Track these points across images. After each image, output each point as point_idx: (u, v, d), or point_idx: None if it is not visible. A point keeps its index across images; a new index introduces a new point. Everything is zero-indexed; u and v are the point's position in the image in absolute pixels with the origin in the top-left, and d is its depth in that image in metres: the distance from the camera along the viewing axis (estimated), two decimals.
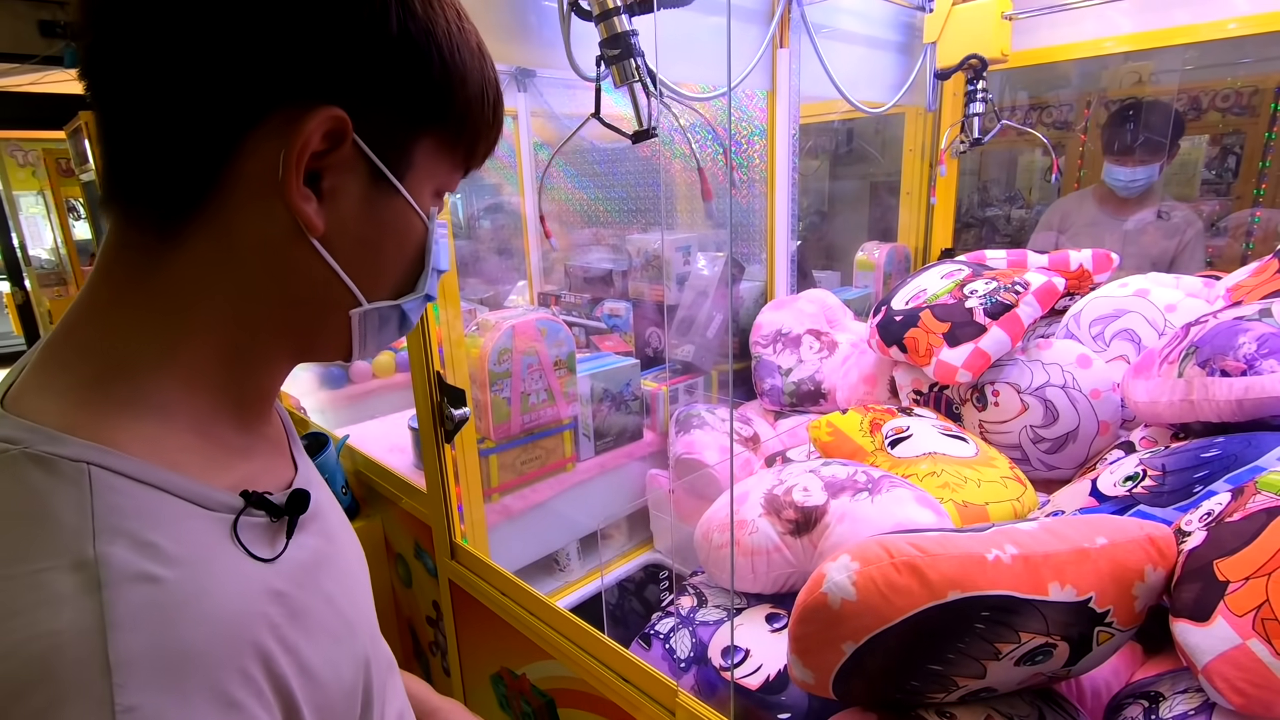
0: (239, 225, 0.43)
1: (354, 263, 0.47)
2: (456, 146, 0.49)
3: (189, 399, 0.44)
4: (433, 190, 0.50)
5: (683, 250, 1.97)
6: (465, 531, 1.33)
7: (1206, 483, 0.84)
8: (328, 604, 0.48)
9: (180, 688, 0.35)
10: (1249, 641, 0.58)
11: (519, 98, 2.48)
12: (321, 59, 0.41)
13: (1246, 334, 0.93)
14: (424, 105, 0.45)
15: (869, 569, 0.68)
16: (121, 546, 0.36)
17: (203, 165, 0.41)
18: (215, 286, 0.43)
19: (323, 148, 0.42)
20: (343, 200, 0.44)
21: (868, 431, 1.26)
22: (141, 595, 0.36)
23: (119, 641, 0.34)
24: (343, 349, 0.51)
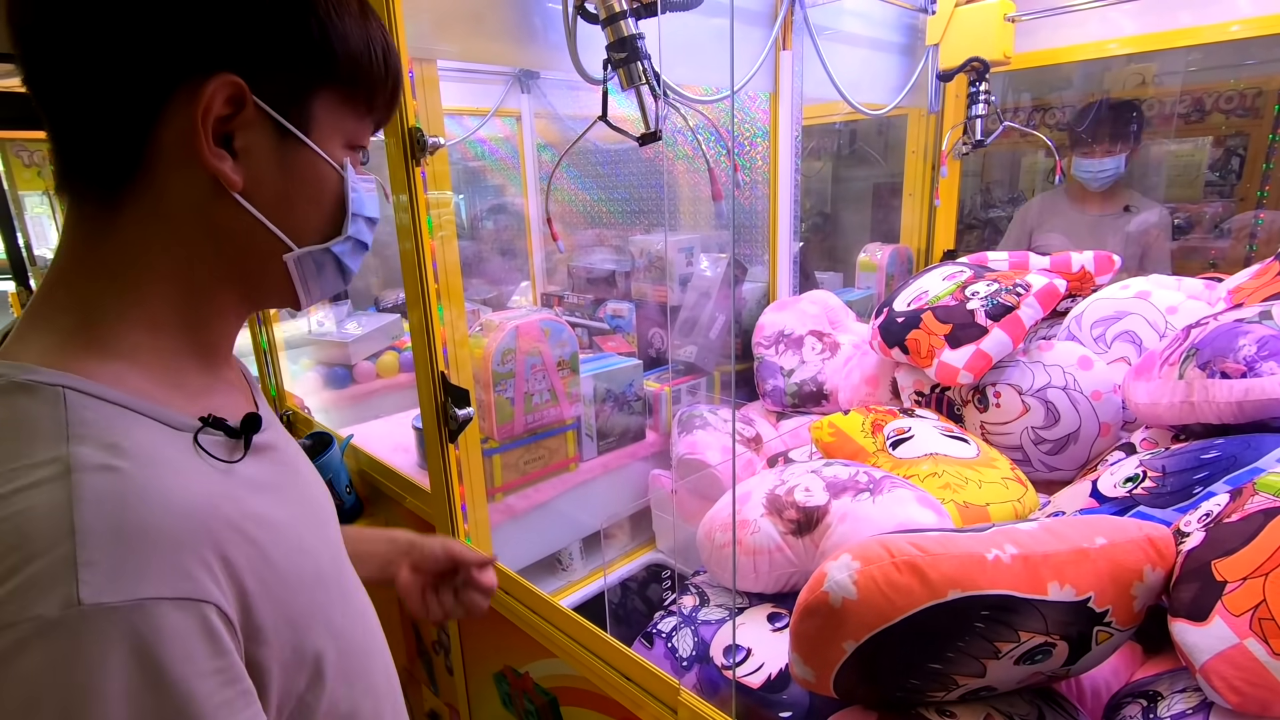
0: (168, 190, 0.49)
1: (277, 212, 0.53)
2: (355, 100, 0.55)
3: (152, 343, 0.50)
4: (342, 143, 0.56)
5: (685, 251, 1.98)
6: (469, 531, 1.34)
7: (1206, 484, 0.84)
8: (289, 521, 0.52)
9: (136, 553, 0.41)
10: (1246, 641, 0.59)
11: (523, 99, 2.49)
12: (211, 35, 0.47)
13: (1247, 336, 0.93)
14: (313, 65, 0.51)
15: (870, 568, 0.69)
16: (89, 446, 0.43)
17: (126, 143, 0.48)
18: (157, 244, 0.50)
19: (226, 111, 0.48)
20: (256, 156, 0.50)
21: (869, 432, 1.27)
22: (104, 481, 0.42)
23: (82, 513, 0.40)
24: (288, 294, 0.57)
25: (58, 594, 0.38)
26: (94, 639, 0.38)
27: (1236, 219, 2.38)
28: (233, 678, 0.44)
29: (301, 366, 2.37)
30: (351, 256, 0.59)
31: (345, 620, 0.57)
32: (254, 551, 0.47)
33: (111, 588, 0.39)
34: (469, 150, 2.74)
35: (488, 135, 2.69)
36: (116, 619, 0.39)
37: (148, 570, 0.41)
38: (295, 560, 0.51)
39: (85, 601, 0.38)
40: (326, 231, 0.57)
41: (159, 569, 0.41)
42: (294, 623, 0.50)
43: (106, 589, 0.39)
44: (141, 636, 0.40)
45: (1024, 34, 2.02)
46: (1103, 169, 2.04)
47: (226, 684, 0.43)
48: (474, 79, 2.38)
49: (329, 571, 0.56)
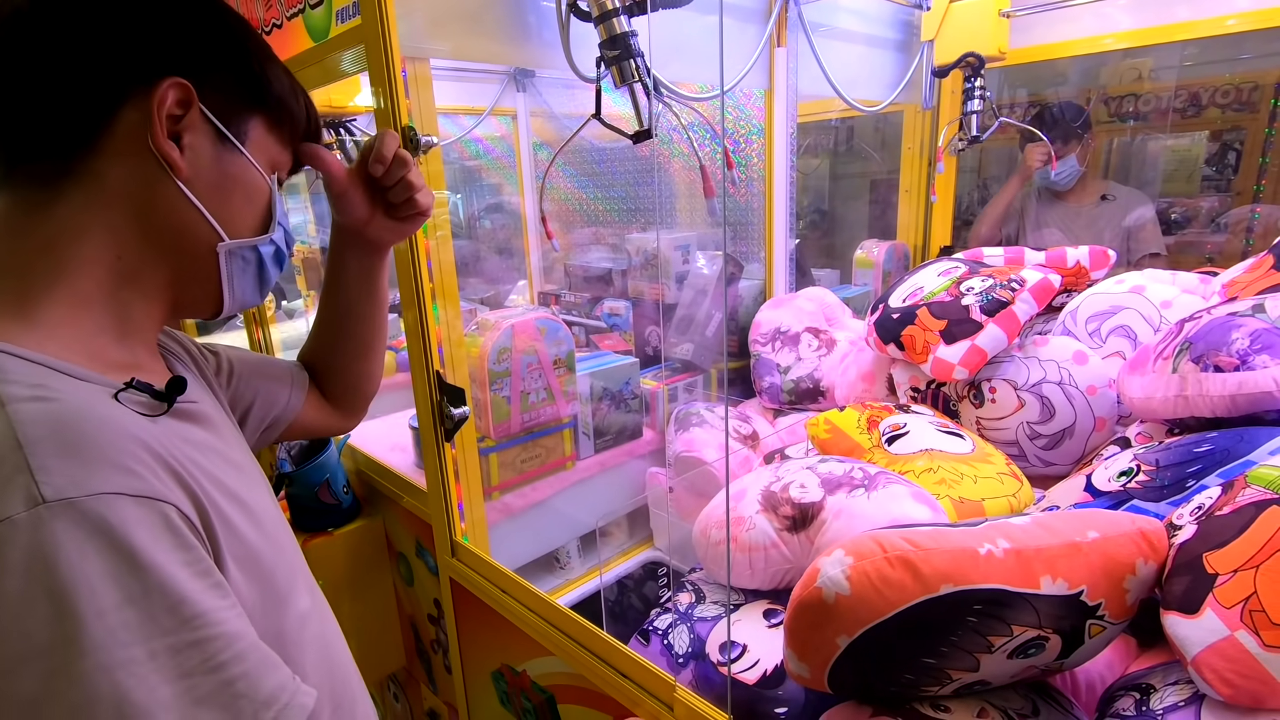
0: (111, 176, 0.54)
1: (213, 204, 0.59)
2: (280, 127, 0.65)
3: (75, 319, 0.53)
4: (268, 165, 0.64)
5: (682, 249, 1.98)
6: (466, 530, 1.34)
7: (1199, 477, 0.84)
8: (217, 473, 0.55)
9: (83, 457, 0.44)
10: (1237, 633, 0.59)
11: (518, 98, 2.49)
12: (171, 47, 0.56)
13: (1240, 330, 0.93)
14: (250, 89, 0.61)
15: (863, 563, 0.69)
16: (16, 386, 0.46)
17: (81, 129, 0.53)
18: (92, 226, 0.54)
19: (177, 111, 0.55)
20: (199, 154, 0.58)
21: (865, 429, 1.27)
22: (39, 407, 0.45)
23: (25, 431, 0.43)
24: (212, 291, 0.62)
25: (18, 495, 0.41)
26: (66, 528, 0.41)
27: (1233, 213, 2.39)
28: (205, 569, 0.47)
29: None
30: (274, 264, 0.66)
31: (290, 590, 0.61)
32: (199, 482, 0.51)
33: (70, 485, 0.42)
34: (465, 149, 2.74)
35: (484, 134, 2.69)
36: (84, 509, 0.42)
37: (100, 471, 0.44)
38: (238, 513, 0.54)
39: (49, 498, 0.41)
40: (256, 231, 0.64)
41: (110, 471, 0.45)
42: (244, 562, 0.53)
43: (66, 487, 0.42)
44: (109, 524, 0.42)
45: (1020, 29, 2.01)
46: (1059, 173, 2.10)
47: (201, 574, 0.46)
48: (470, 78, 2.38)
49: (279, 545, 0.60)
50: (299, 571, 0.63)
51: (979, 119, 1.92)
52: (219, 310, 0.64)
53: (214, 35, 0.59)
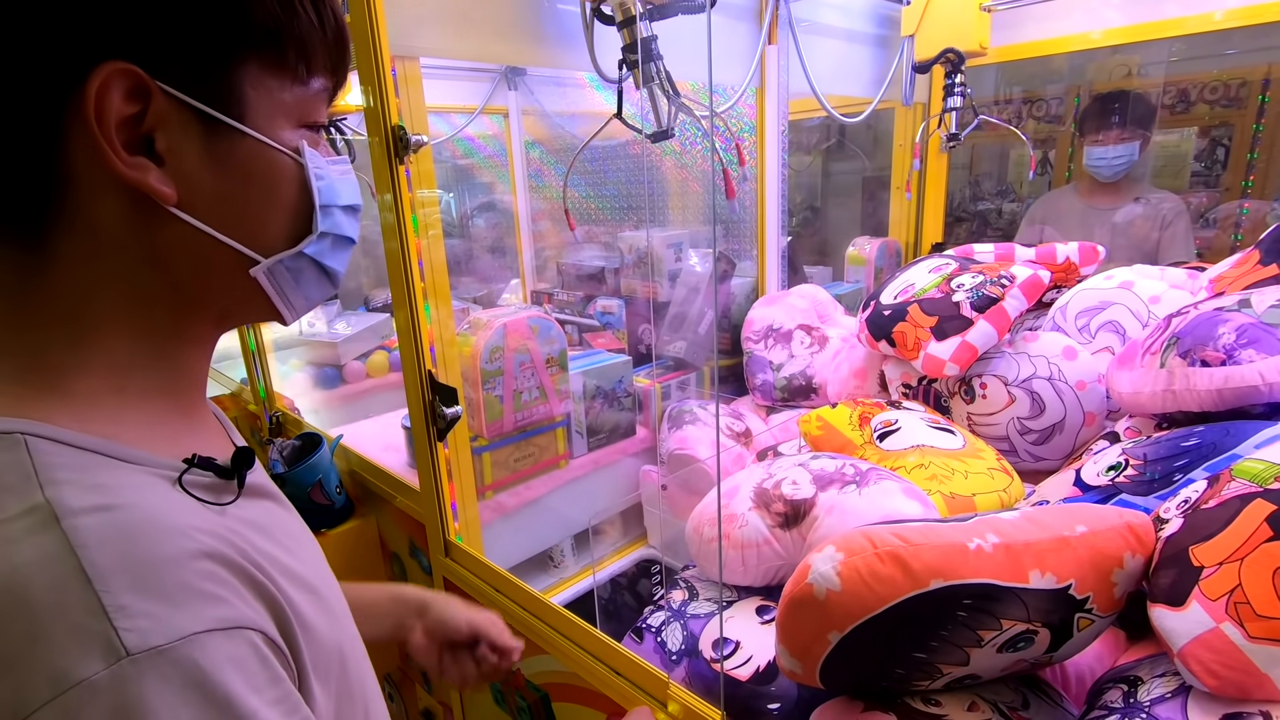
0: (96, 217, 0.41)
1: (226, 220, 0.44)
2: (284, 64, 0.45)
3: (115, 385, 0.43)
4: (290, 122, 0.46)
5: (674, 247, 1.98)
6: (459, 529, 1.34)
7: (1186, 471, 0.85)
8: (298, 568, 0.46)
9: (164, 588, 0.36)
10: (1222, 625, 0.59)
11: (509, 96, 2.49)
12: (74, 26, 0.38)
13: (1226, 325, 0.94)
14: (216, 32, 0.41)
15: (853, 559, 0.69)
16: (69, 490, 0.37)
17: (32, 173, 0.40)
18: (99, 280, 0.43)
19: (132, 110, 0.40)
20: (185, 158, 0.42)
21: (857, 425, 1.28)
22: (100, 520, 0.36)
23: (91, 558, 0.34)
24: (266, 310, 0.49)
25: (96, 650, 0.33)
26: (156, 689, 0.33)
27: (1222, 208, 2.40)
28: (294, 705, 0.40)
29: (291, 367, 2.37)
30: (331, 255, 0.50)
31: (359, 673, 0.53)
32: (276, 584, 0.42)
33: (156, 629, 0.34)
34: (457, 148, 2.74)
35: (476, 133, 2.68)
36: (173, 659, 0.34)
37: (185, 603, 0.36)
38: (313, 605, 0.46)
39: (133, 649, 0.33)
40: (294, 232, 0.48)
41: (195, 601, 0.36)
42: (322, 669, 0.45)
43: (152, 632, 0.34)
44: (203, 673, 0.35)
45: (1010, 26, 2.02)
46: (1117, 155, 2.02)
47: (291, 711, 0.39)
48: (461, 76, 2.38)
49: (343, 624, 0.51)
50: (355, 642, 0.53)
51: (958, 116, 1.88)
52: (284, 322, 0.52)
53: None
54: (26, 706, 0.31)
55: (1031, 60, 2.17)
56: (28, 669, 0.32)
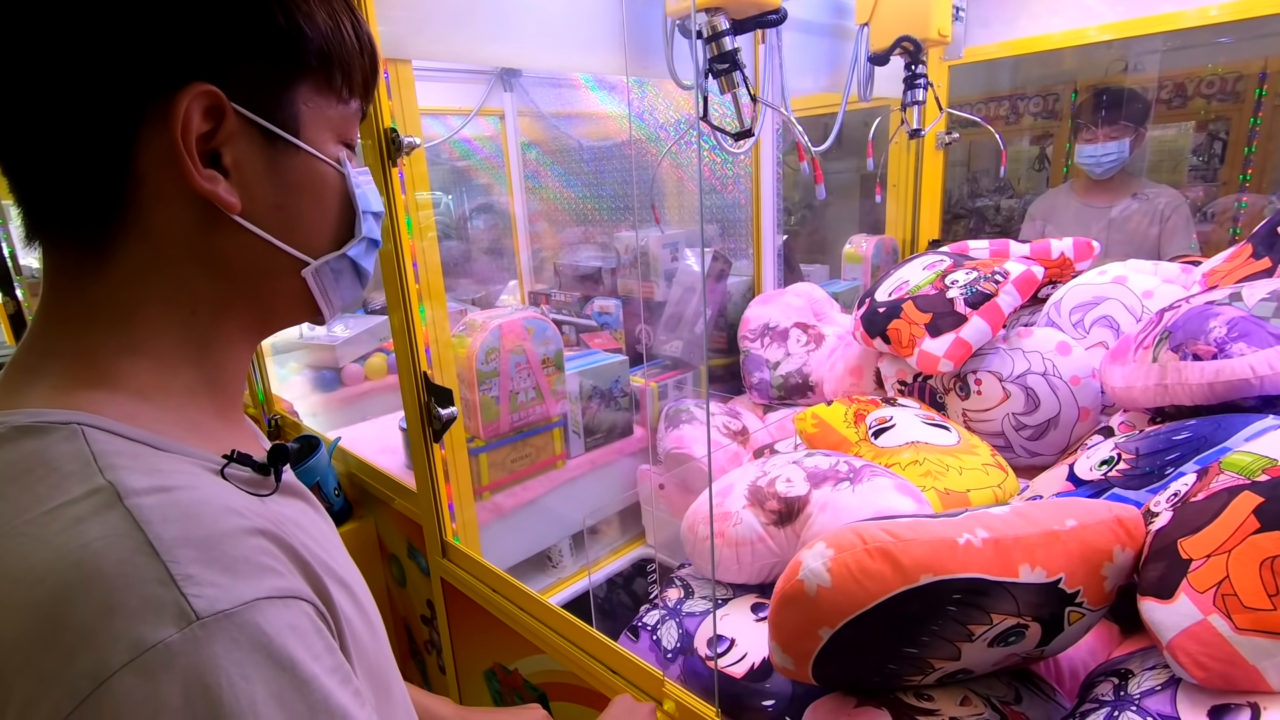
0: (159, 223, 0.45)
1: (281, 227, 0.49)
2: (331, 85, 0.50)
3: (163, 383, 0.46)
4: (333, 137, 0.51)
5: (670, 247, 1.99)
6: (457, 530, 1.34)
7: (1177, 465, 0.85)
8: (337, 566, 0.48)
9: (225, 559, 0.38)
10: (1210, 617, 0.59)
11: (505, 97, 2.49)
12: (174, 42, 0.42)
13: (1217, 318, 0.94)
14: (282, 55, 0.46)
15: (844, 555, 0.70)
16: (127, 473, 0.39)
17: (103, 182, 0.43)
18: (153, 283, 0.46)
19: (207, 126, 0.44)
20: (249, 171, 0.46)
21: (852, 422, 1.28)
22: (160, 500, 0.38)
23: (155, 533, 0.36)
24: (306, 310, 0.53)
25: (168, 615, 0.34)
26: (225, 649, 0.35)
27: (1219, 203, 2.40)
28: (347, 674, 0.41)
29: (289, 370, 2.37)
30: (366, 257, 0.56)
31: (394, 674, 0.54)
32: (316, 569, 0.44)
33: (222, 595, 0.36)
34: (454, 150, 2.74)
35: (473, 135, 2.69)
36: (238, 623, 0.36)
37: (244, 573, 0.38)
38: (348, 601, 0.47)
39: (202, 613, 0.35)
40: (337, 236, 0.53)
41: (253, 571, 0.38)
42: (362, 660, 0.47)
43: (218, 598, 0.36)
44: (267, 637, 0.37)
45: (1004, 22, 2.02)
46: (1106, 153, 2.01)
47: (346, 681, 0.40)
48: (456, 79, 2.38)
49: (377, 628, 0.52)
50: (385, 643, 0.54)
51: (920, 110, 1.78)
52: (318, 322, 0.56)
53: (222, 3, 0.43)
54: (107, 669, 0.33)
55: (1027, 56, 2.16)
56: (107, 636, 0.34)
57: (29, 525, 0.36)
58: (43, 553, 0.35)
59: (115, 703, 0.33)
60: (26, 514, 0.37)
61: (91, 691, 0.33)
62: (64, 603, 0.34)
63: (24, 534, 0.36)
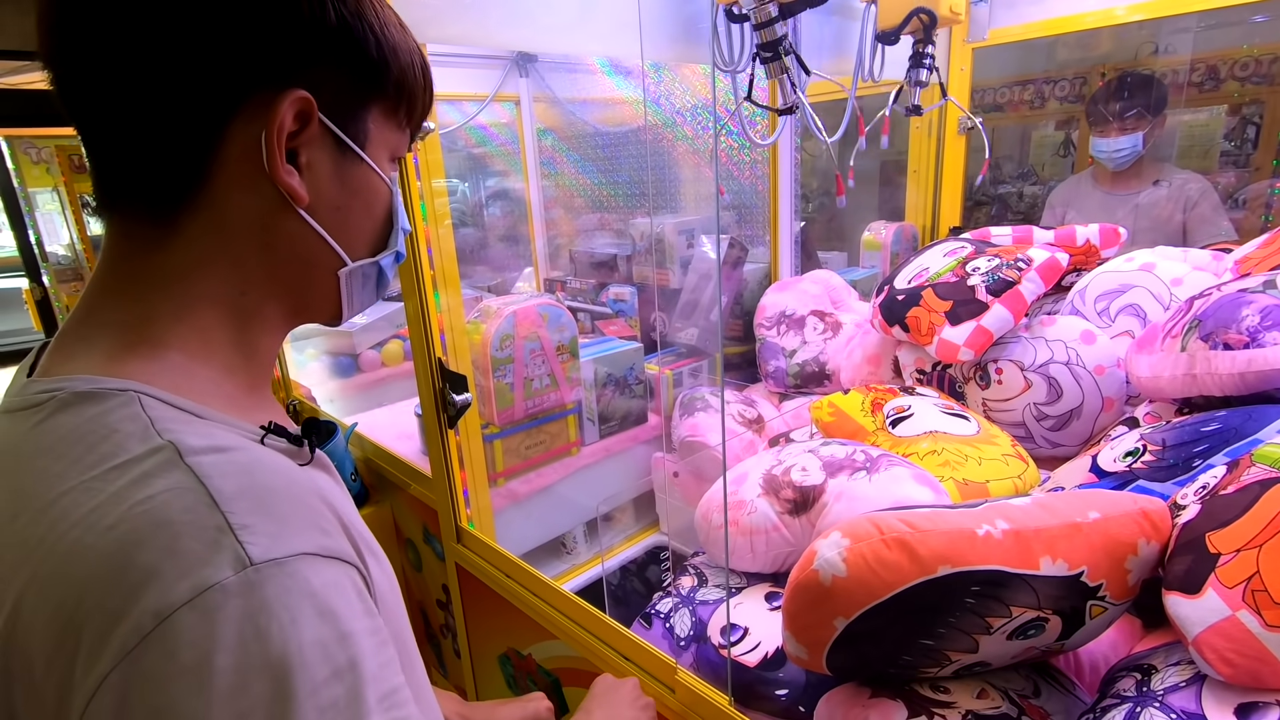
0: (229, 206, 0.48)
1: (334, 227, 0.53)
2: (398, 111, 0.55)
3: (205, 357, 0.49)
4: (388, 156, 0.56)
5: (686, 234, 1.97)
6: (471, 516, 1.35)
7: (1206, 457, 0.83)
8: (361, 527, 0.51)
9: (278, 513, 0.41)
10: (1238, 613, 0.58)
11: (520, 83, 2.48)
12: (276, 52, 0.47)
13: (1250, 306, 0.91)
14: (368, 79, 0.51)
15: (859, 545, 0.69)
16: (186, 435, 0.42)
17: (188, 161, 0.47)
18: (213, 261, 0.49)
19: (295, 127, 0.48)
20: (318, 172, 0.50)
21: (869, 411, 1.26)
22: (219, 459, 0.41)
23: (216, 486, 0.39)
24: (332, 308, 0.57)
25: (225, 559, 0.37)
26: (276, 593, 0.37)
27: (1251, 188, 2.33)
28: (385, 639, 0.43)
29: (307, 356, 2.39)
30: (392, 268, 0.60)
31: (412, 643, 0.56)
32: (355, 540, 0.46)
33: (275, 544, 0.39)
34: (470, 137, 2.73)
35: (489, 121, 2.68)
36: (289, 570, 0.38)
37: (296, 528, 0.41)
38: (377, 568, 0.49)
39: (256, 559, 0.38)
40: (375, 245, 0.57)
41: (304, 528, 0.41)
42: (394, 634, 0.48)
43: (272, 547, 0.38)
44: (315, 588, 0.39)
45: (1029, 4, 1.97)
46: (1119, 148, 1.95)
47: (383, 644, 0.43)
48: (472, 64, 2.37)
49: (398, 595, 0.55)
50: (408, 621, 0.57)
51: (919, 92, 1.70)
52: (335, 322, 0.59)
53: (328, 23, 0.48)
54: (170, 606, 0.36)
55: (1053, 38, 2.10)
56: (171, 575, 0.36)
57: (97, 480, 0.39)
58: (112, 504, 0.38)
59: (176, 637, 0.35)
60: (94, 470, 0.40)
61: (154, 628, 0.35)
62: (133, 546, 0.37)
63: (92, 488, 0.39)
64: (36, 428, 0.43)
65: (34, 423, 0.43)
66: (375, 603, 0.45)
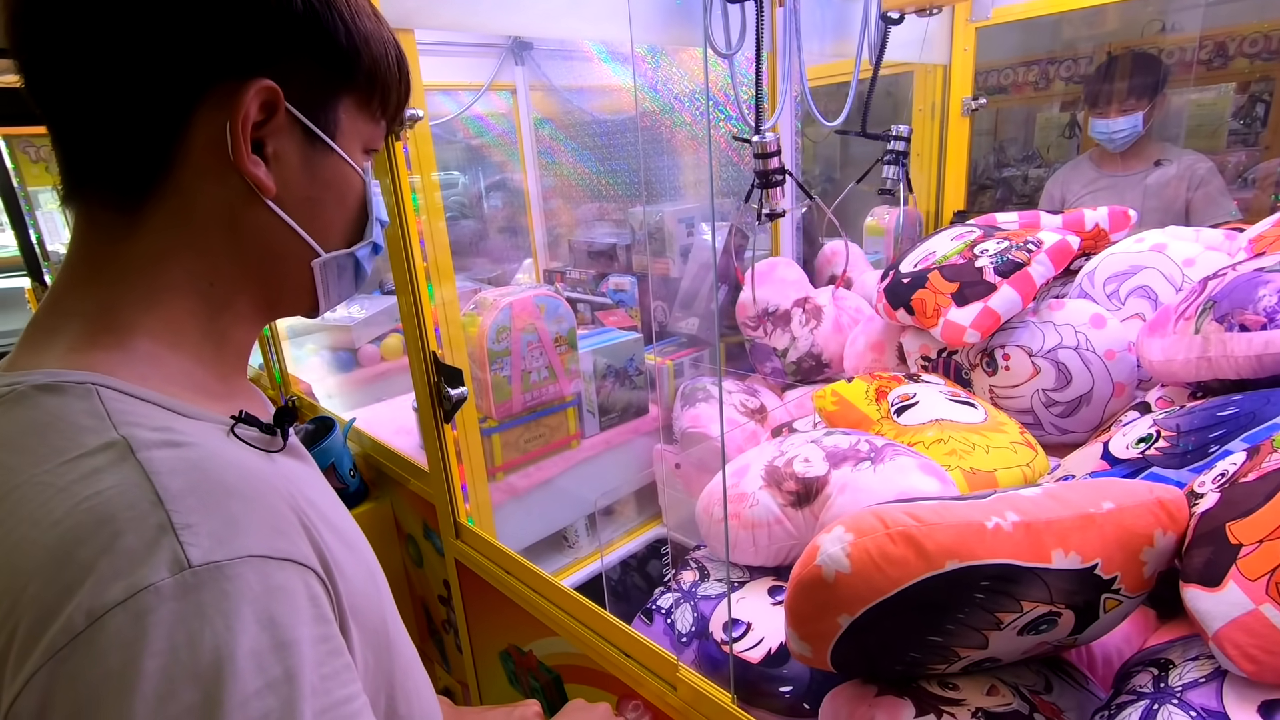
0: (195, 195, 0.48)
1: (304, 217, 0.52)
2: (371, 102, 0.55)
3: (173, 348, 0.48)
4: (361, 147, 0.56)
5: (685, 222, 1.94)
6: (470, 511, 1.33)
7: (1223, 442, 0.80)
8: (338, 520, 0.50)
9: (226, 512, 0.40)
10: (1262, 607, 0.55)
11: (516, 71, 2.44)
12: (241, 41, 0.46)
13: (1267, 286, 0.88)
14: (338, 69, 0.51)
15: (863, 540, 0.66)
16: (141, 429, 0.41)
17: (153, 149, 0.46)
18: (180, 251, 0.48)
19: (260, 117, 0.47)
20: (286, 162, 0.50)
21: (873, 399, 1.23)
22: (172, 454, 0.41)
23: (163, 483, 0.39)
24: (307, 300, 0.57)
25: (162, 559, 0.36)
26: (213, 598, 0.36)
27: (1261, 167, 2.29)
28: (336, 648, 0.42)
29: (306, 351, 2.37)
30: (368, 260, 0.60)
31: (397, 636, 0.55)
32: (319, 532, 0.45)
33: (218, 547, 0.38)
34: (467, 128, 2.70)
35: (486, 111, 2.64)
36: (231, 575, 0.37)
37: (245, 528, 0.39)
38: (348, 557, 0.48)
39: (195, 562, 0.37)
40: (349, 236, 0.57)
41: (256, 528, 0.40)
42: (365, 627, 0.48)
43: (214, 549, 0.37)
44: (257, 594, 0.38)
45: None
46: (1117, 129, 1.92)
47: (332, 654, 0.41)
48: (467, 53, 2.33)
49: (380, 584, 0.54)
50: (389, 601, 0.56)
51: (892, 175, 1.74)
52: (313, 314, 0.59)
53: (295, 11, 0.47)
54: (103, 605, 0.35)
55: (1058, 16, 2.05)
56: (107, 574, 0.36)
57: (48, 474, 0.39)
58: (61, 499, 0.38)
59: (106, 639, 0.35)
60: (46, 464, 0.39)
61: (85, 628, 0.35)
62: (74, 543, 0.36)
63: (43, 483, 0.39)
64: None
65: None
66: (339, 604, 0.44)
